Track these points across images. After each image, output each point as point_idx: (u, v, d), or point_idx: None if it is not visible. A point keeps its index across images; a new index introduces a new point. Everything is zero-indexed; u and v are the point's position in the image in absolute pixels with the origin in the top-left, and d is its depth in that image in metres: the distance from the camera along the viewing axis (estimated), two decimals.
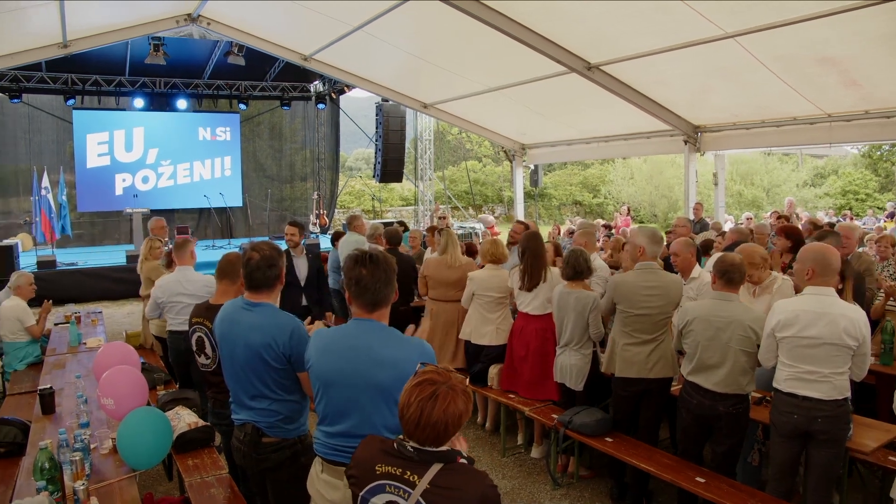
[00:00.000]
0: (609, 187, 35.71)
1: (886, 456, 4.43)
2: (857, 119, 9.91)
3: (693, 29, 8.45)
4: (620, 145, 14.25)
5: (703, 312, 4.27)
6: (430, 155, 24.19)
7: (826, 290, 3.83)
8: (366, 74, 14.38)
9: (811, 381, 3.80)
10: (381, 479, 2.19)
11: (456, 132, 38.87)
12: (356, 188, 35.59)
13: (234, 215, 20.42)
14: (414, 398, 2.14)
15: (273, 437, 3.28)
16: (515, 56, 10.24)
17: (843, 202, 30.26)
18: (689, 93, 11.09)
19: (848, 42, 8.05)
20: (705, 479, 4.25)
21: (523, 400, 5.74)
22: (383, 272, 2.78)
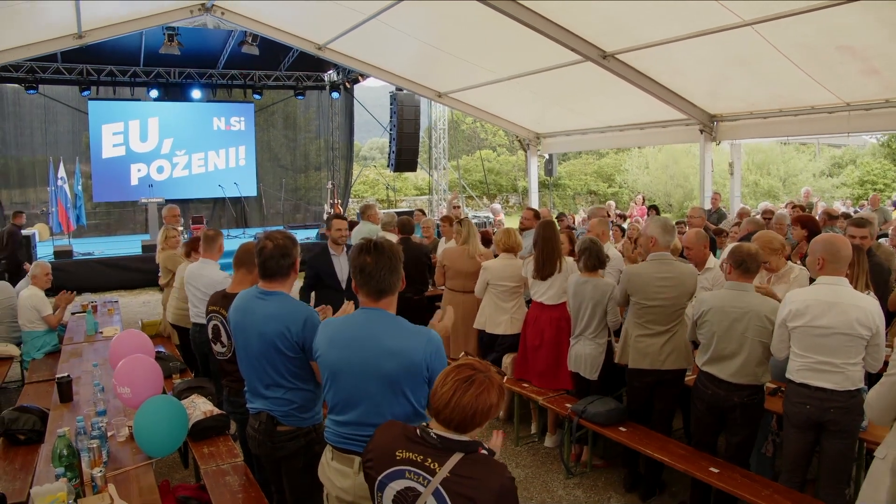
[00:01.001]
0: (624, 177, 35.48)
1: None
2: (877, 108, 9.79)
3: (710, 17, 8.37)
4: (635, 134, 14.20)
5: (719, 303, 4.25)
6: (444, 144, 24.14)
7: (838, 279, 3.81)
8: (380, 63, 14.39)
9: (824, 372, 3.77)
10: (401, 464, 2.20)
11: (470, 121, 38.79)
12: (370, 177, 35.59)
13: (248, 205, 20.51)
14: (451, 378, 2.16)
15: (288, 425, 3.30)
16: (530, 44, 10.20)
17: (860, 192, 29.93)
18: (705, 81, 11.01)
19: (868, 29, 7.94)
20: (719, 469, 4.24)
21: (537, 389, 5.74)
22: (388, 260, 2.78)
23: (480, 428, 2.20)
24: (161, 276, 7.71)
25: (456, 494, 2.09)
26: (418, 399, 2.73)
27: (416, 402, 2.73)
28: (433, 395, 2.18)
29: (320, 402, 3.40)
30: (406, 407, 2.73)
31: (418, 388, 2.71)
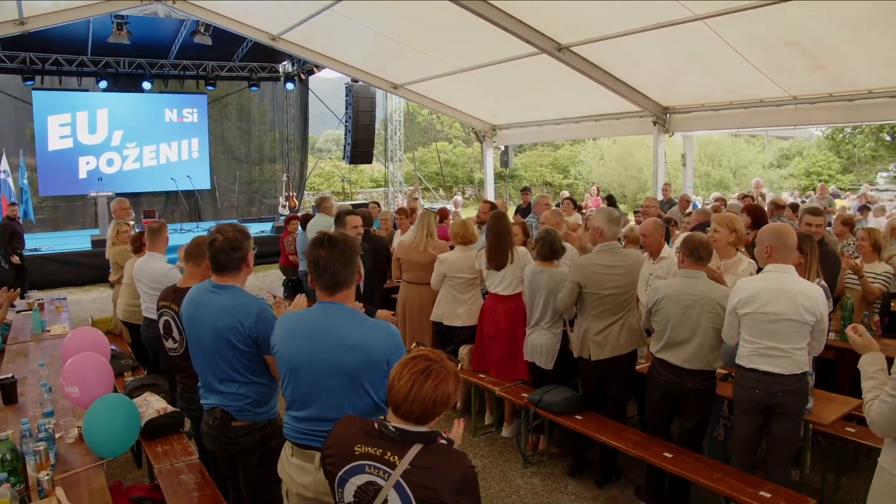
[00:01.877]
0: (579, 168, 35.82)
1: (844, 427, 4.63)
2: (822, 102, 10.09)
3: (663, 11, 8.50)
4: (590, 126, 14.35)
5: (673, 291, 4.33)
6: (400, 136, 24.07)
7: (785, 267, 3.93)
8: (335, 55, 14.26)
9: (772, 357, 3.89)
10: (361, 459, 2.19)
11: (426, 113, 38.73)
12: (326, 170, 35.32)
13: (202, 198, 20.13)
14: (407, 371, 2.15)
15: (242, 420, 3.26)
16: (486, 37, 10.21)
17: (807, 183, 30.73)
18: (658, 75, 11.17)
19: (814, 26, 8.16)
20: (673, 454, 4.32)
21: (493, 380, 5.77)
22: (341, 253, 2.75)
23: (439, 417, 2.20)
24: (112, 273, 7.53)
25: (417, 486, 2.09)
26: (378, 393, 2.72)
27: (377, 396, 2.72)
28: (390, 389, 2.17)
29: (276, 397, 3.37)
30: (367, 401, 2.72)
31: (378, 382, 2.70)
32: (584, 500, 4.89)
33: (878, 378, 2.68)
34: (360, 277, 2.88)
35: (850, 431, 4.63)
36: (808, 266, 4.58)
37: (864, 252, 6.19)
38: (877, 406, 2.57)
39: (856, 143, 33.53)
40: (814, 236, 5.04)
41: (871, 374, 2.72)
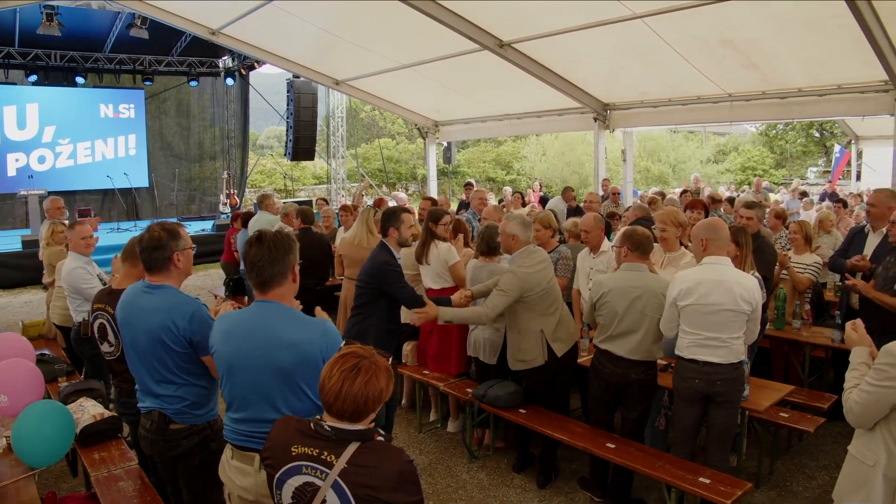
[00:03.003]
0: (522, 164, 36.13)
1: (778, 413, 4.80)
2: (756, 99, 10.40)
3: (603, 9, 8.61)
4: (532, 122, 14.46)
5: (618, 284, 4.41)
6: (342, 132, 23.86)
7: (721, 259, 4.07)
8: (276, 50, 14.03)
9: (711, 347, 4.01)
10: (298, 460, 2.17)
11: (369, 109, 38.54)
12: (267, 167, 34.85)
13: (139, 196, 19.61)
14: (336, 369, 2.13)
15: (181, 423, 3.19)
16: (428, 33, 10.19)
17: (742, 177, 31.61)
18: (599, 72, 11.33)
19: (748, 26, 8.40)
20: (615, 444, 4.40)
21: (437, 376, 5.78)
22: (268, 251, 2.72)
23: (374, 414, 2.19)
24: (45, 274, 7.28)
25: (355, 485, 2.08)
26: (317, 393, 2.69)
27: (315, 395, 2.68)
28: (322, 388, 2.16)
29: (215, 399, 3.30)
30: (305, 402, 2.69)
31: (316, 382, 2.67)
32: (530, 493, 4.93)
33: (859, 370, 2.77)
34: (295, 277, 2.83)
35: (783, 417, 4.80)
36: (744, 258, 4.71)
37: (796, 244, 6.41)
38: (855, 395, 2.65)
39: (788, 140, 34.71)
40: (748, 229, 5.20)
41: (856, 366, 2.81)
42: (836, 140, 29.16)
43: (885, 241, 5.32)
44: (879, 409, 2.57)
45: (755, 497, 4.75)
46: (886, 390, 2.52)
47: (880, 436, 2.61)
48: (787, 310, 6.04)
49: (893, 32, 7.80)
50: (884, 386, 2.52)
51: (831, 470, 5.08)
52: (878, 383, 2.54)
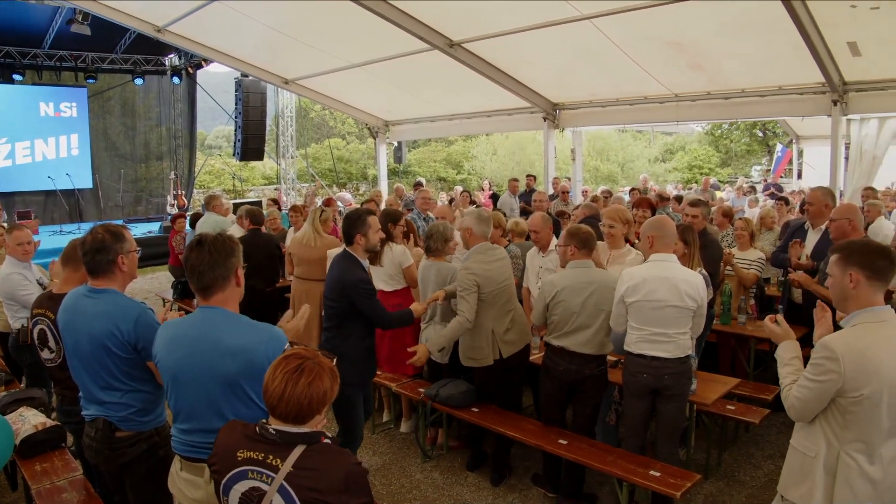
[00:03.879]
0: (472, 163, 36.23)
1: (725, 405, 4.93)
2: (701, 99, 10.65)
3: (552, 10, 8.70)
4: (483, 122, 14.55)
5: (570, 281, 4.44)
6: (292, 132, 23.59)
7: (667, 256, 4.15)
8: (224, 48, 13.81)
9: (658, 342, 4.09)
10: (243, 465, 2.14)
11: (319, 109, 38.18)
12: (216, 167, 34.31)
13: (83, 198, 19.02)
14: (279, 371, 2.11)
15: (127, 430, 3.10)
16: (378, 32, 10.17)
17: (689, 176, 32.24)
18: (548, 72, 11.43)
19: (693, 28, 8.58)
20: (567, 440, 4.45)
21: (390, 376, 5.76)
22: (208, 254, 2.66)
23: (320, 415, 2.17)
24: None
25: (302, 488, 2.06)
26: None
27: (263, 403, 2.65)
28: (265, 391, 2.13)
29: (162, 404, 3.22)
30: (253, 409, 2.62)
31: None
32: (484, 491, 4.95)
33: (793, 365, 2.84)
34: (238, 280, 2.76)
35: (730, 409, 4.93)
36: (692, 255, 4.80)
37: (741, 241, 6.56)
38: (795, 391, 2.71)
39: (732, 139, 35.49)
40: (694, 227, 5.30)
41: (788, 361, 2.87)
42: (778, 139, 29.94)
43: (825, 238, 5.47)
44: (819, 403, 2.64)
45: (704, 488, 4.85)
46: (825, 384, 2.59)
47: (820, 428, 2.69)
48: (733, 305, 6.18)
49: (829, 36, 8.08)
50: (822, 380, 2.59)
51: (776, 459, 5.22)
52: (817, 378, 2.61)
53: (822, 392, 2.60)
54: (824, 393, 2.60)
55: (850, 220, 5.05)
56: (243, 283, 2.79)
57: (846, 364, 2.53)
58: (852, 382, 2.53)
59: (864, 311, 2.66)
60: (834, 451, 2.64)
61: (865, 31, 7.90)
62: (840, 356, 2.54)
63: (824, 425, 2.67)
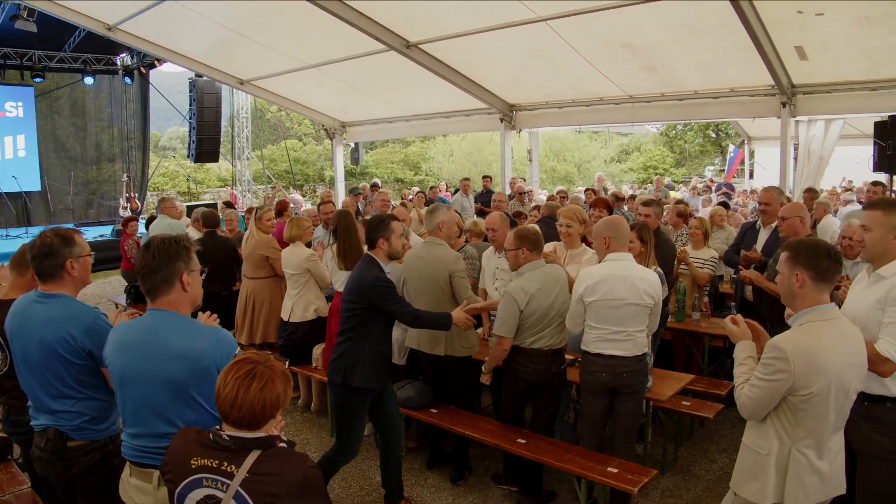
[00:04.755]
0: (430, 164, 36.25)
1: (680, 401, 5.03)
2: (656, 101, 10.83)
3: (508, 11, 8.75)
4: (440, 123, 14.58)
5: (539, 284, 4.40)
6: (247, 133, 23.34)
7: (624, 255, 4.21)
8: (177, 48, 13.58)
9: (617, 341, 4.14)
10: (198, 472, 2.11)
11: (275, 110, 37.82)
12: (170, 169, 33.77)
13: (31, 200, 18.54)
14: (231, 377, 2.08)
15: (80, 439, 3.02)
16: (334, 32, 10.11)
17: (644, 176, 32.72)
18: (505, 73, 11.50)
19: (647, 30, 8.72)
20: (526, 439, 4.48)
21: None
22: (152, 258, 2.62)
23: (274, 420, 2.15)
24: None
25: (258, 494, 2.04)
26: (213, 404, 2.60)
27: (211, 406, 2.56)
28: (217, 397, 2.10)
29: (116, 411, 3.15)
30: (201, 413, 2.58)
31: (211, 393, 2.56)
32: (444, 492, 4.96)
33: (748, 364, 2.89)
34: (185, 284, 2.68)
35: (685, 405, 5.02)
36: (648, 254, 4.87)
37: (695, 240, 6.67)
38: (747, 390, 2.77)
39: (686, 140, 36.14)
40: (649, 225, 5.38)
41: (742, 361, 2.93)
42: (730, 140, 30.55)
43: (775, 235, 5.60)
44: (770, 402, 2.70)
45: (661, 482, 4.93)
46: (775, 384, 2.65)
47: (771, 426, 2.75)
48: (687, 303, 6.29)
49: (778, 41, 8.29)
50: (773, 380, 2.66)
51: (731, 453, 5.32)
52: (768, 377, 2.67)
53: (773, 391, 2.66)
54: (775, 392, 2.66)
55: (801, 217, 5.18)
56: (193, 287, 2.72)
57: (796, 363, 2.59)
58: (802, 381, 2.60)
59: (810, 311, 2.73)
60: (785, 448, 2.71)
61: (811, 36, 8.13)
62: (790, 356, 2.60)
63: (776, 423, 2.73)
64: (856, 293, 3.33)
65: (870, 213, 3.22)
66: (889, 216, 3.12)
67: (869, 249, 3.21)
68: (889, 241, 3.11)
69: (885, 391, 3.11)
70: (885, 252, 3.13)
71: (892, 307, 3.02)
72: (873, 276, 3.20)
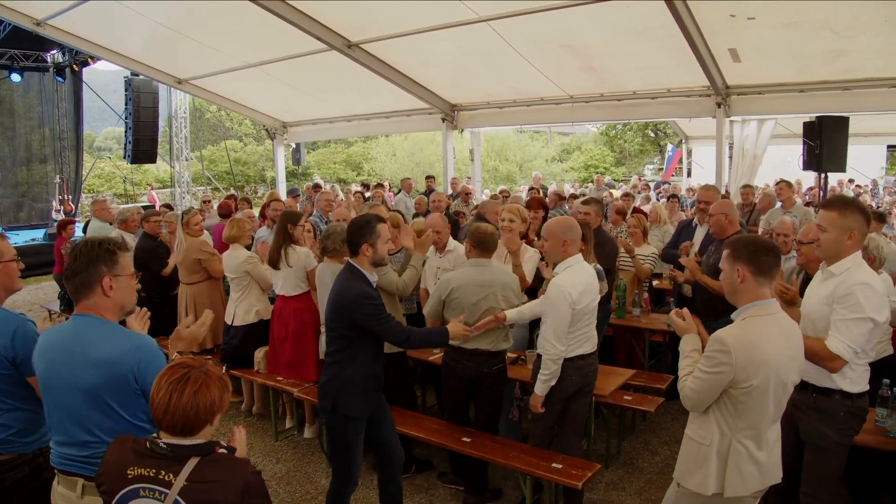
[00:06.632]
0: (372, 164, 36.11)
1: (622, 396, 5.13)
2: (595, 101, 11.02)
3: (449, 11, 8.78)
4: (381, 123, 14.57)
5: (466, 279, 4.49)
6: (186, 133, 22.83)
7: (579, 256, 4.17)
8: (112, 45, 13.16)
9: (587, 339, 4.17)
10: (134, 482, 2.06)
11: (215, 110, 37.17)
12: (106, 170, 32.85)
13: None
14: (164, 382, 2.04)
15: (7, 454, 2.90)
16: (275, 31, 9.99)
17: (585, 175, 33.19)
18: (446, 73, 11.54)
19: (586, 31, 8.84)
20: (471, 438, 4.49)
21: (292, 382, 5.66)
22: (73, 259, 2.56)
23: (212, 426, 2.11)
24: None
25: (197, 502, 2.00)
26: (134, 413, 2.52)
27: (132, 416, 2.52)
28: (151, 403, 2.06)
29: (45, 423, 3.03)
30: (120, 423, 2.49)
31: (130, 402, 2.50)
32: None
33: (692, 357, 2.96)
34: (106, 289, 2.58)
35: (627, 399, 5.12)
36: (588, 252, 4.94)
37: (635, 237, 6.81)
38: (690, 382, 2.83)
39: (626, 139, 36.79)
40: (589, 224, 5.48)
41: (688, 353, 2.99)
42: (668, 139, 31.23)
43: (710, 233, 5.75)
44: (712, 394, 2.77)
45: (605, 476, 5.01)
46: (718, 376, 2.72)
47: (713, 417, 2.82)
48: (628, 299, 6.41)
49: (712, 43, 8.54)
50: (715, 372, 2.73)
51: (672, 445, 5.46)
52: (710, 370, 2.74)
53: (716, 383, 2.72)
54: (717, 384, 2.72)
55: (727, 214, 5.30)
56: (118, 293, 2.61)
57: (737, 356, 2.66)
58: (743, 373, 2.67)
59: (752, 305, 2.81)
60: (726, 439, 2.78)
61: (744, 39, 8.39)
62: (732, 349, 2.67)
63: (717, 415, 2.80)
64: (810, 289, 3.46)
65: (826, 214, 3.30)
66: (844, 217, 3.21)
67: (824, 249, 3.31)
68: (843, 241, 3.22)
69: (832, 384, 3.27)
70: (839, 252, 3.24)
71: (840, 304, 3.14)
72: (825, 273, 3.32)
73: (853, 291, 3.11)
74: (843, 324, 3.12)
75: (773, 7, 7.59)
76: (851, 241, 3.22)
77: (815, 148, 8.81)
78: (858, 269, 3.20)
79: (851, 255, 3.23)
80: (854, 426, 3.33)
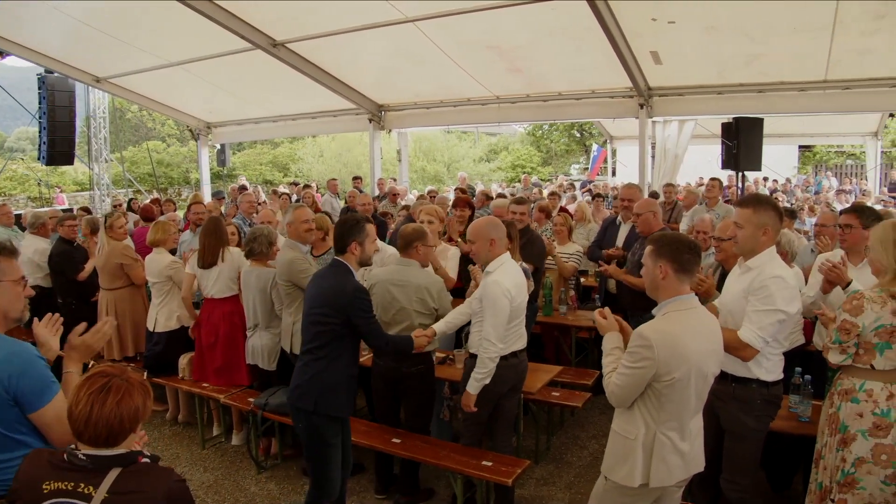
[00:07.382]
0: (299, 165, 35.65)
1: (550, 392, 5.23)
2: (521, 101, 11.18)
3: (376, 11, 8.76)
4: (308, 123, 14.43)
5: (386, 277, 4.52)
6: (105, 134, 22.02)
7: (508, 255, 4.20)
8: (23, 41, 12.56)
9: (519, 336, 4.21)
10: (50, 497, 1.96)
11: (136, 109, 36.01)
12: (19, 172, 31.43)
13: None
14: (83, 393, 1.95)
15: None
16: (198, 29, 9.75)
17: (513, 175, 33.56)
18: (373, 73, 11.51)
19: (511, 33, 8.97)
20: (401, 438, 4.49)
21: (217, 388, 5.54)
22: None
23: (135, 434, 2.04)
24: None
25: None
26: (9, 425, 2.38)
27: (7, 428, 2.38)
28: (70, 416, 1.97)
29: None
30: None
31: (3, 412, 2.35)
32: None
33: (614, 354, 3.02)
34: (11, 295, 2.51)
35: (555, 396, 5.22)
36: (514, 251, 5.01)
37: (560, 236, 6.93)
38: (615, 378, 2.89)
39: (552, 139, 37.36)
40: (519, 224, 5.58)
41: (610, 351, 3.06)
42: (594, 140, 31.86)
43: (634, 230, 5.91)
44: (637, 389, 2.84)
45: (535, 472, 5.09)
46: (641, 370, 2.79)
47: (638, 412, 2.90)
48: (554, 297, 6.52)
49: (635, 46, 8.78)
50: (638, 367, 2.80)
51: (600, 438, 5.56)
52: (633, 365, 2.81)
53: (639, 378, 2.79)
54: (641, 379, 2.79)
55: (654, 212, 5.50)
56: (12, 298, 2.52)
57: (659, 351, 2.73)
58: (665, 367, 2.75)
59: (672, 300, 2.89)
60: (651, 432, 2.86)
61: (665, 42, 8.65)
62: (654, 344, 2.74)
63: (642, 409, 2.88)
64: (728, 283, 3.59)
65: (742, 212, 3.43)
66: (758, 214, 3.34)
67: (741, 245, 3.44)
68: (759, 237, 3.35)
69: (749, 373, 3.40)
70: (755, 247, 3.37)
71: (754, 296, 3.27)
72: (743, 268, 3.45)
73: (766, 284, 3.24)
74: (756, 314, 3.24)
75: (692, 12, 7.85)
76: (766, 237, 3.35)
77: (733, 148, 9.14)
78: (772, 263, 3.34)
79: (766, 250, 3.36)
80: (770, 413, 3.48)
